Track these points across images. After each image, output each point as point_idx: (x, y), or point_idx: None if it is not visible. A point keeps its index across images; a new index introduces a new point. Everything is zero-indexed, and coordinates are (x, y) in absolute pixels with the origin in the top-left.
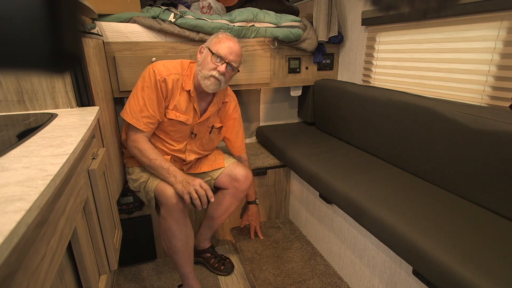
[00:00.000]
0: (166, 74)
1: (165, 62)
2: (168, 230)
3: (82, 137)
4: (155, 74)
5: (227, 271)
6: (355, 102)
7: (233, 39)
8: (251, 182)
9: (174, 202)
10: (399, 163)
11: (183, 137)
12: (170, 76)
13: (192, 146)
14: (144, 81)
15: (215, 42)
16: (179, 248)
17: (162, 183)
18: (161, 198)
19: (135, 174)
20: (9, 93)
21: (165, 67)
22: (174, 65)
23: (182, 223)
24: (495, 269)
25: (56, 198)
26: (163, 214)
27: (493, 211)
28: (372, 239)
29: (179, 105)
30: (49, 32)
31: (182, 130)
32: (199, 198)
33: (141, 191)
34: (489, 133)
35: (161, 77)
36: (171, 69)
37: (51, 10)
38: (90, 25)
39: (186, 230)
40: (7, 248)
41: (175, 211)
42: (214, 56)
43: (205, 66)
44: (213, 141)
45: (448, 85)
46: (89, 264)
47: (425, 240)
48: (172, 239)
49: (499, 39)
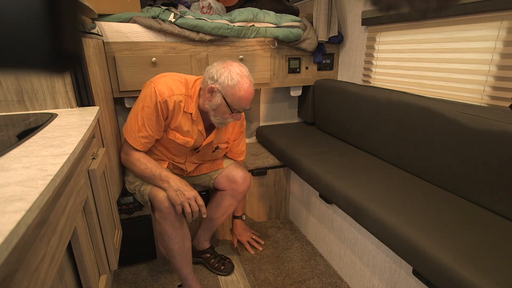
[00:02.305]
0: (167, 95)
1: (167, 80)
2: (164, 234)
3: (82, 137)
4: (156, 95)
5: (227, 271)
6: (355, 102)
7: (249, 80)
8: (249, 184)
9: (167, 206)
10: (399, 163)
11: (182, 153)
12: (172, 98)
13: (192, 158)
14: (145, 100)
15: (231, 93)
16: (176, 250)
17: (154, 188)
18: (155, 203)
19: (130, 177)
20: (9, 93)
21: (167, 87)
22: (177, 84)
23: (177, 226)
24: (495, 269)
25: (56, 198)
26: (158, 218)
27: (493, 211)
28: (372, 239)
29: (181, 126)
30: (49, 32)
31: (181, 149)
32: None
33: (136, 193)
34: (489, 133)
35: (162, 99)
36: (174, 89)
37: (51, 10)
38: (90, 25)
39: (182, 233)
40: (7, 248)
41: (169, 215)
42: (234, 112)
43: (221, 114)
44: (216, 157)
45: (448, 85)
46: (89, 264)
47: (425, 240)
48: (169, 242)
49: (499, 39)
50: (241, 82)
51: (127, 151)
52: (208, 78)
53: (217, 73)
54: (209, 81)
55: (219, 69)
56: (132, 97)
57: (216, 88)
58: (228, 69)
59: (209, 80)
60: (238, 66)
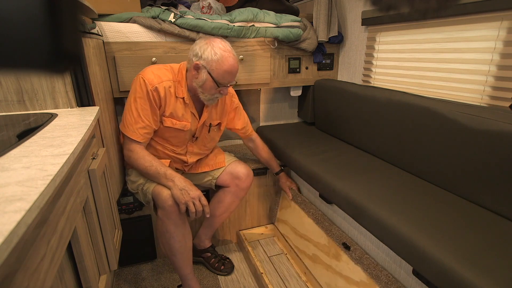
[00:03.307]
0: (157, 82)
1: (153, 69)
2: (166, 232)
3: (82, 137)
4: (146, 84)
5: (227, 271)
6: (355, 102)
7: (231, 52)
8: (251, 180)
9: (170, 204)
10: (399, 163)
11: (182, 142)
12: (161, 84)
13: (193, 148)
14: (136, 92)
15: (216, 67)
16: (177, 249)
17: (158, 186)
18: (158, 201)
19: (133, 176)
20: (9, 93)
21: (155, 75)
22: (163, 72)
23: (180, 225)
24: (495, 269)
25: (56, 198)
26: (161, 216)
27: (493, 211)
28: (372, 239)
29: (175, 112)
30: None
31: (180, 136)
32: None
33: (139, 192)
34: (489, 133)
35: (152, 86)
36: (162, 76)
37: (51, 10)
38: (90, 25)
39: (184, 232)
40: (7, 248)
41: (172, 213)
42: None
43: (208, 90)
44: (214, 139)
45: (448, 85)
46: (89, 264)
47: (425, 240)
48: (170, 241)
49: (499, 39)
50: (225, 56)
51: (129, 147)
52: (192, 55)
53: (201, 50)
54: (193, 59)
55: (202, 46)
56: None
57: (201, 64)
58: (211, 45)
59: (193, 57)
60: (221, 42)
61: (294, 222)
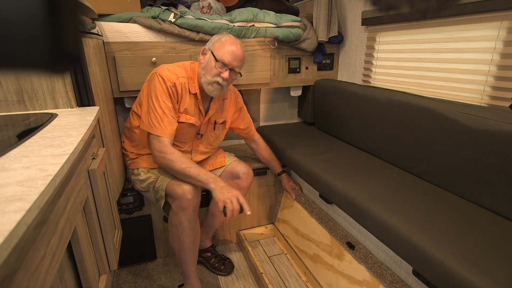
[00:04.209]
0: (175, 78)
1: (168, 66)
2: (179, 226)
3: (82, 137)
4: (165, 81)
5: (227, 271)
6: (355, 102)
7: (236, 42)
8: (252, 179)
9: (189, 198)
10: (399, 163)
11: (189, 139)
12: (178, 80)
13: (198, 146)
14: (156, 90)
15: (218, 47)
16: (187, 244)
17: (174, 180)
18: (175, 194)
19: (142, 175)
20: (9, 93)
21: (172, 72)
22: (178, 69)
23: (193, 221)
24: (495, 269)
25: (56, 198)
26: (175, 210)
27: (493, 211)
28: (372, 239)
29: (189, 108)
30: (49, 32)
31: (188, 132)
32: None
33: (150, 191)
34: (489, 133)
35: (171, 83)
36: (178, 73)
37: (51, 10)
38: (90, 25)
39: (195, 227)
40: (7, 248)
41: (189, 207)
42: (218, 63)
43: (208, 71)
44: (219, 137)
45: (448, 85)
46: (89, 264)
47: (425, 240)
48: (182, 235)
49: (499, 39)
50: (229, 40)
51: (160, 148)
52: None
53: (211, 40)
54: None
55: (213, 37)
56: (132, 97)
57: (208, 48)
58: (220, 35)
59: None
60: (230, 36)
61: (296, 222)
